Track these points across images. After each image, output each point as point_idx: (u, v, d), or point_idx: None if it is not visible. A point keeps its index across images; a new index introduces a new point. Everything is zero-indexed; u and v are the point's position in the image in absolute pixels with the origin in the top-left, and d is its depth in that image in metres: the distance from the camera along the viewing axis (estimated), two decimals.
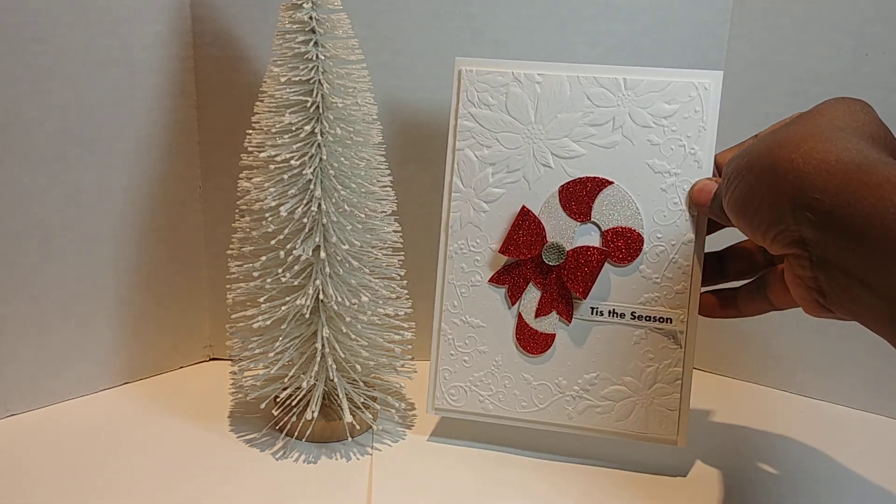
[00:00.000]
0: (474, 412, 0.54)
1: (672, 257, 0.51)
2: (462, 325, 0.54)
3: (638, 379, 0.52)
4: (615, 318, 0.52)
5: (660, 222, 0.51)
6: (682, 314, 0.51)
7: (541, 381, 0.53)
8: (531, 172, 0.53)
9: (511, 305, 0.53)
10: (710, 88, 0.50)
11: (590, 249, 0.52)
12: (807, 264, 0.38)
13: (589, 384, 0.53)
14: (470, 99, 0.53)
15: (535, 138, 0.53)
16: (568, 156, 0.52)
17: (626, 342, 0.52)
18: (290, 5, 0.48)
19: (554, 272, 0.52)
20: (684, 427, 0.51)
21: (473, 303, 0.54)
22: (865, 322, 0.37)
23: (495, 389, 0.54)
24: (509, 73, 0.53)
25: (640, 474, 0.52)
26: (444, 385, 0.54)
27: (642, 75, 0.51)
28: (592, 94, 0.52)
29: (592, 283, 0.52)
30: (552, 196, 0.53)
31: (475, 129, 0.53)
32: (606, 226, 0.52)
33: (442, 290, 0.54)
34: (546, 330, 0.53)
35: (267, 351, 0.52)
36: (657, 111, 0.51)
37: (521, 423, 0.54)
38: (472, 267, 0.54)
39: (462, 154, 0.54)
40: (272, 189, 0.49)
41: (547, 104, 0.52)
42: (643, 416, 0.52)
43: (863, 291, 0.36)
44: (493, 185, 0.53)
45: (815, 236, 0.37)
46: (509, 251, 0.53)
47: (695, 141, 0.51)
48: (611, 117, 0.52)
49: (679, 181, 0.51)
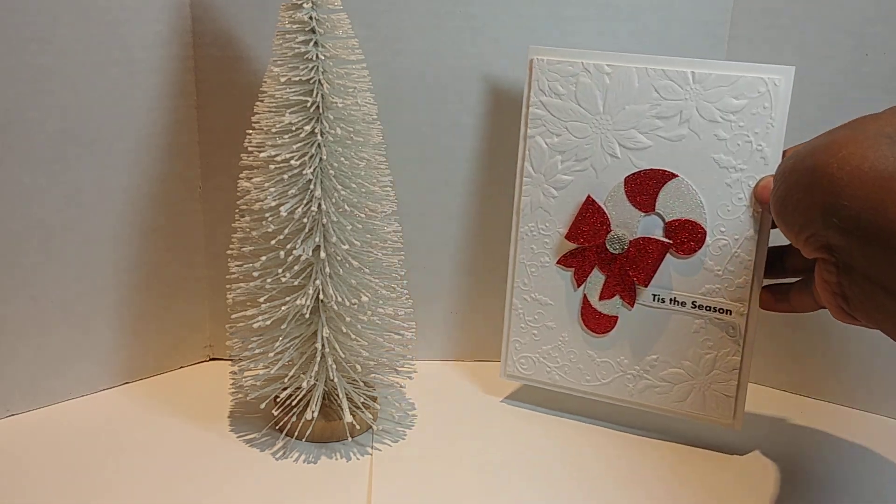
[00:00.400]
0: (542, 381, 0.58)
1: (734, 251, 0.52)
2: (531, 301, 0.58)
3: (696, 364, 0.54)
4: (676, 305, 0.54)
5: (723, 216, 0.52)
6: (741, 307, 0.52)
7: (604, 359, 0.56)
8: (599, 161, 0.54)
9: (577, 287, 0.56)
10: (780, 84, 0.50)
11: (652, 241, 0.53)
12: (833, 270, 0.38)
13: (649, 365, 0.55)
14: (541, 87, 0.55)
15: (603, 128, 0.54)
16: (635, 147, 0.53)
17: (686, 329, 0.54)
18: (290, 5, 0.48)
19: (617, 260, 0.54)
20: (741, 412, 0.53)
21: (542, 282, 0.57)
22: (888, 330, 0.37)
23: (562, 362, 0.57)
24: (579, 64, 0.53)
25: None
26: (514, 354, 0.59)
27: (711, 69, 0.51)
28: (660, 86, 0.52)
29: (653, 273, 0.53)
30: (618, 186, 0.54)
31: (546, 117, 0.55)
32: (670, 217, 0.53)
33: (513, 268, 0.58)
34: (609, 312, 0.56)
35: (267, 351, 0.52)
36: (725, 106, 0.51)
37: (585, 395, 0.57)
38: (542, 248, 0.57)
39: (533, 141, 0.55)
40: (272, 189, 0.49)
41: (615, 95, 0.53)
42: (700, 399, 0.54)
43: (887, 300, 0.36)
44: (562, 172, 0.55)
45: (841, 242, 0.37)
46: (574, 238, 0.55)
47: (762, 137, 0.51)
48: (678, 110, 0.52)
49: (744, 177, 0.51)
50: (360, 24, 0.54)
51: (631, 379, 0.56)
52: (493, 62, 0.59)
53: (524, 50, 0.59)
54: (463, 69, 0.59)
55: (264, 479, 0.50)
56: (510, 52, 0.59)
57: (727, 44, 0.60)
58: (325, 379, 0.53)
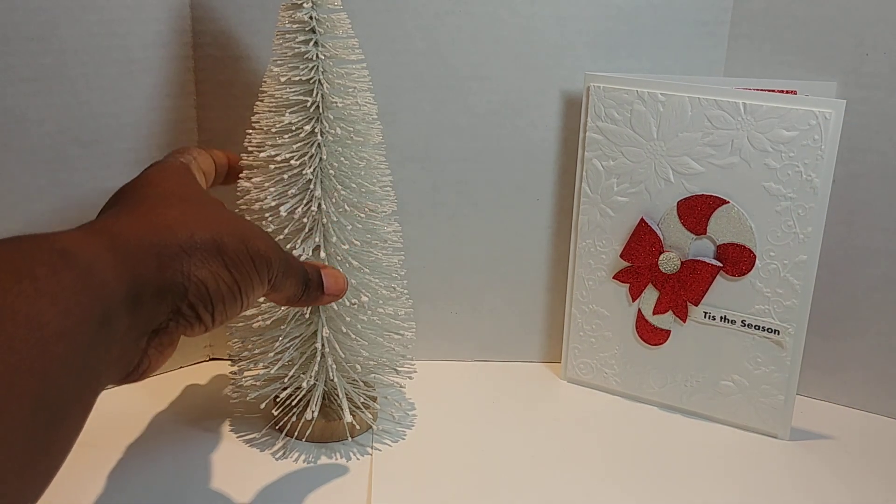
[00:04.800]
0: (600, 385, 0.62)
1: (783, 275, 0.54)
2: (589, 312, 0.61)
3: (745, 378, 0.57)
4: (727, 323, 0.56)
5: (773, 241, 0.54)
6: (790, 327, 0.54)
7: (657, 368, 0.60)
8: (652, 185, 0.56)
9: (632, 302, 0.59)
10: (831, 118, 0.51)
11: (703, 263, 0.55)
12: None
13: (700, 376, 0.58)
14: (597, 113, 0.57)
15: (656, 154, 0.55)
16: (687, 172, 0.55)
17: (735, 346, 0.57)
18: (290, 5, 0.48)
19: (670, 279, 0.57)
20: (787, 423, 0.56)
21: (599, 294, 0.61)
22: None
23: (618, 369, 0.61)
24: (634, 92, 0.55)
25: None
26: (574, 359, 0.63)
27: (762, 101, 0.52)
28: (712, 115, 0.53)
29: (704, 293, 0.56)
30: (671, 209, 0.56)
31: (602, 141, 0.57)
32: (721, 241, 0.55)
33: (572, 281, 0.61)
34: (663, 326, 0.59)
35: (267, 351, 0.52)
36: (775, 137, 0.52)
37: (640, 400, 0.60)
38: (599, 264, 0.60)
39: (590, 163, 0.58)
40: (272, 189, 0.49)
41: (669, 123, 0.55)
42: (749, 411, 0.57)
43: None
44: (618, 193, 0.58)
45: None
46: (628, 257, 0.58)
47: (812, 168, 0.52)
48: (729, 139, 0.53)
49: (794, 205, 0.53)
50: (360, 24, 0.54)
51: (683, 388, 0.59)
52: (494, 62, 0.59)
53: (524, 49, 0.59)
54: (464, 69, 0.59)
55: (264, 479, 0.50)
56: (510, 52, 0.59)
57: (727, 44, 0.60)
58: (325, 379, 0.53)
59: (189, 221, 0.38)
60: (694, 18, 0.59)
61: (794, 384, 0.55)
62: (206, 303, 0.38)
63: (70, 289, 0.30)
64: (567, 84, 0.59)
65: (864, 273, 0.58)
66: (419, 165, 0.61)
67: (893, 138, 0.56)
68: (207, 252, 0.37)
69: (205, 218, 0.39)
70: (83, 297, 0.31)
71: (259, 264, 0.40)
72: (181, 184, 0.43)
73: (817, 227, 0.52)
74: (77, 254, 0.32)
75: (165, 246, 0.36)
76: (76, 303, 0.30)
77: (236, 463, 0.52)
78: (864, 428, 0.59)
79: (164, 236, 0.36)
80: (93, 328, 0.31)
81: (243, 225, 0.41)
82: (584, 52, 0.59)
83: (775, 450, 0.56)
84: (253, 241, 0.40)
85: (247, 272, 0.39)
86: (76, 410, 0.31)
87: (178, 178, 0.43)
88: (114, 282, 0.33)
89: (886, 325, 0.59)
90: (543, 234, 0.63)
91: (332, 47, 0.49)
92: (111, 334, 0.33)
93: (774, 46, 0.58)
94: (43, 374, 0.28)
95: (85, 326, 0.30)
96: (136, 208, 0.39)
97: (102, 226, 0.36)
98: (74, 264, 0.31)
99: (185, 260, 0.37)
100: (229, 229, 0.39)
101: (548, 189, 0.62)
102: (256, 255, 0.39)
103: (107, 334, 0.32)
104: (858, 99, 0.56)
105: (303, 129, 0.49)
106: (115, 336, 0.33)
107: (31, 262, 0.30)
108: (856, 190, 0.57)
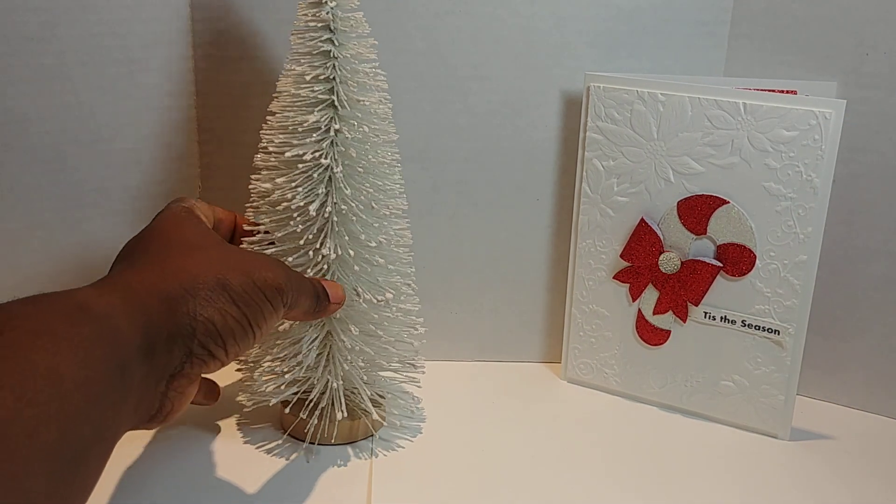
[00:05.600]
0: (600, 385, 0.62)
1: (784, 275, 0.54)
2: (589, 312, 0.61)
3: (745, 378, 0.57)
4: (727, 323, 0.56)
5: (773, 242, 0.53)
6: (790, 328, 0.54)
7: (657, 368, 0.59)
8: (653, 185, 0.56)
9: (632, 302, 0.59)
10: (831, 118, 0.51)
11: (703, 263, 0.55)
12: None
13: (700, 376, 0.58)
14: (597, 113, 0.57)
15: (656, 154, 0.55)
16: (687, 172, 0.55)
17: (735, 346, 0.56)
18: (311, 3, 0.48)
19: (670, 279, 0.57)
20: (787, 424, 0.56)
21: (599, 294, 0.60)
22: None
23: (618, 369, 0.61)
24: (634, 92, 0.55)
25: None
26: (574, 359, 0.62)
27: (763, 101, 0.52)
28: (712, 115, 0.53)
29: (704, 293, 0.56)
30: (671, 209, 0.56)
31: (602, 141, 0.57)
32: (721, 241, 0.55)
33: (572, 281, 0.61)
34: (663, 326, 0.58)
35: (279, 352, 0.52)
36: (776, 137, 0.52)
37: (640, 400, 0.60)
38: (599, 264, 0.60)
39: (590, 163, 0.58)
40: (300, 188, 0.49)
41: (669, 123, 0.55)
42: (749, 411, 0.57)
43: None
44: (618, 193, 0.58)
45: None
46: (628, 257, 0.58)
47: (812, 168, 0.52)
48: (729, 139, 0.53)
49: (794, 205, 0.53)
50: None
51: (683, 388, 0.59)
52: (494, 62, 0.59)
53: (524, 50, 0.59)
54: (464, 69, 0.59)
55: (264, 479, 0.50)
56: (510, 52, 0.59)
57: (727, 43, 0.60)
58: (333, 379, 0.52)
59: (194, 265, 0.40)
60: (694, 18, 0.59)
61: (794, 384, 0.55)
62: (215, 339, 0.39)
63: (88, 340, 0.32)
64: (567, 84, 0.59)
65: (864, 273, 0.59)
66: (419, 165, 0.61)
67: (893, 138, 0.56)
68: (211, 291, 0.39)
69: (208, 259, 0.41)
70: (100, 348, 0.32)
71: (270, 294, 0.42)
72: (187, 230, 0.44)
73: (817, 227, 0.52)
74: (93, 307, 0.34)
75: (172, 291, 0.38)
76: (94, 354, 0.32)
77: (236, 463, 0.52)
78: (864, 428, 0.59)
79: (171, 282, 0.38)
80: (110, 377, 0.32)
81: (248, 258, 0.42)
82: (584, 52, 0.59)
83: (775, 450, 0.56)
84: (259, 273, 0.41)
85: (256, 304, 0.41)
86: (95, 456, 0.32)
87: (184, 225, 0.44)
88: (129, 331, 0.34)
89: (886, 325, 0.59)
90: (543, 234, 0.63)
91: (354, 46, 0.49)
92: (128, 382, 0.34)
93: (774, 46, 0.58)
94: (63, 424, 0.29)
95: (103, 376, 0.32)
96: (145, 259, 0.41)
97: (115, 280, 0.38)
98: (91, 317, 0.33)
99: (189, 302, 0.38)
100: (233, 265, 0.41)
101: (548, 189, 0.62)
102: (265, 286, 0.41)
103: (124, 382, 0.33)
104: (858, 99, 0.56)
105: (331, 127, 0.49)
106: (132, 383, 0.34)
107: (49, 318, 0.32)
108: (856, 190, 0.57)
